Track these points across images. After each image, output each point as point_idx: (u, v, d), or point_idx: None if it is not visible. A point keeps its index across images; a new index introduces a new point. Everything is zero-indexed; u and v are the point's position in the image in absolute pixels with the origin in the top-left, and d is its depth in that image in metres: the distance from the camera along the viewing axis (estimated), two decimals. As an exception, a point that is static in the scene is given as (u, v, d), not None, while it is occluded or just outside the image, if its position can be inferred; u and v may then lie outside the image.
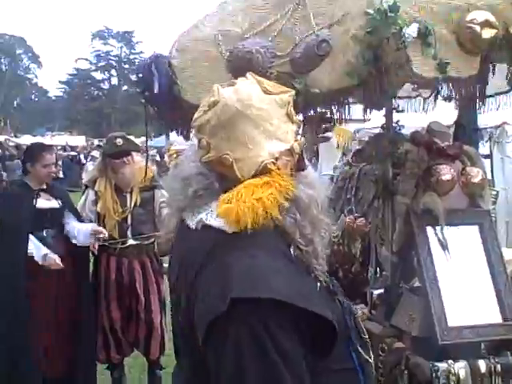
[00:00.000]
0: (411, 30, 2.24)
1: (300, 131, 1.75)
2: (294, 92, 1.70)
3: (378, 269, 3.24)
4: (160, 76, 2.72)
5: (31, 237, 4.15)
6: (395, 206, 2.81)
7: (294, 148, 1.63)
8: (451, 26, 2.37)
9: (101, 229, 4.33)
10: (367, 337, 1.72)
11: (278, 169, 1.60)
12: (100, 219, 4.49)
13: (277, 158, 1.61)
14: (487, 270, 2.74)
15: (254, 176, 1.59)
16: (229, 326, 1.42)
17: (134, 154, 4.69)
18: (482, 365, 2.47)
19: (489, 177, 4.55)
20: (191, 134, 2.82)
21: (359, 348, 1.65)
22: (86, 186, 4.73)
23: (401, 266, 2.91)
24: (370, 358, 1.67)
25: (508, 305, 2.66)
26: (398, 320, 2.75)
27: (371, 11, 2.33)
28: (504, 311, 2.65)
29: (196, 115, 1.70)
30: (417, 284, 3.09)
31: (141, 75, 2.82)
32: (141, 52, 69.37)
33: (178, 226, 1.73)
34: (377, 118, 3.35)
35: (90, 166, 16.06)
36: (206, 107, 1.67)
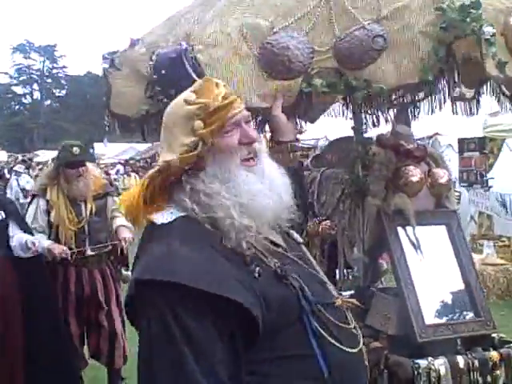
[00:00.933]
0: (490, 28, 2.26)
1: (201, 143, 1.74)
2: (205, 105, 1.75)
3: (345, 271, 3.25)
4: (183, 74, 2.45)
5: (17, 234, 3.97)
6: (366, 207, 2.83)
7: (170, 162, 1.72)
8: (500, 27, 2.39)
9: (61, 248, 4.16)
10: (350, 325, 1.73)
11: (150, 177, 1.75)
12: (53, 229, 4.32)
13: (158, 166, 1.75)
14: (457, 269, 2.80)
15: None
16: (140, 308, 1.56)
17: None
18: (461, 360, 2.51)
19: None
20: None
21: (323, 333, 1.63)
22: (34, 196, 4.52)
23: (371, 267, 2.93)
24: (347, 345, 1.66)
25: (479, 302, 2.72)
26: (373, 320, 2.75)
27: (444, 6, 2.34)
28: (476, 308, 2.71)
29: None
30: (381, 285, 3.15)
31: (163, 71, 2.48)
32: (64, 66, 68.14)
33: None
34: (312, 130, 3.41)
35: (14, 182, 15.53)
36: None
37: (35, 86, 67.89)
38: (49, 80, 68.38)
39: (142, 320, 1.55)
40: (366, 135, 3.00)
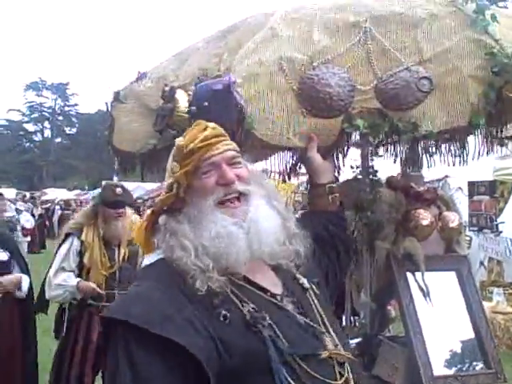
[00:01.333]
0: None
1: (176, 185, 1.80)
2: (176, 146, 1.82)
3: (352, 318, 3.14)
4: (231, 105, 2.30)
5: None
6: (375, 250, 2.74)
7: (155, 201, 1.84)
8: None
9: (93, 285, 4.07)
10: (337, 380, 1.67)
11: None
12: (84, 272, 4.20)
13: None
14: (467, 317, 2.69)
15: None
16: (105, 342, 1.65)
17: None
18: (470, 414, 2.39)
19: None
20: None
21: None
22: (68, 234, 4.38)
23: (379, 314, 2.83)
24: None
25: (490, 352, 2.61)
26: (380, 370, 2.65)
27: (495, 51, 2.36)
28: (486, 358, 2.60)
29: None
30: (389, 334, 3.03)
31: (206, 104, 2.30)
32: (75, 104, 69.06)
33: None
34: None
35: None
36: None
37: (46, 124, 68.77)
38: (60, 118, 69.27)
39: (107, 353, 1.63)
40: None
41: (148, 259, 1.79)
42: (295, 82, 2.39)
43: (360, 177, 2.90)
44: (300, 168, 2.74)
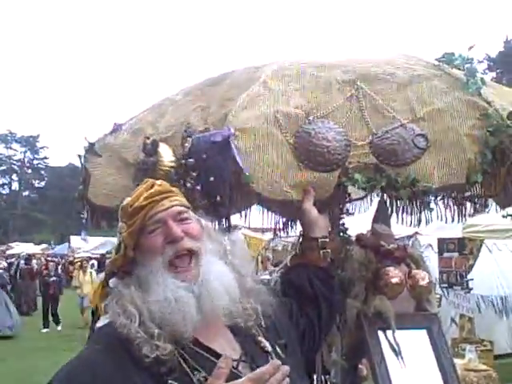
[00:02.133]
0: None
1: (123, 245, 1.76)
2: (124, 206, 1.80)
3: (323, 377, 3.08)
4: (229, 158, 2.27)
5: None
6: (346, 309, 2.72)
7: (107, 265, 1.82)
8: None
9: None
10: None
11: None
12: None
13: None
14: (439, 376, 2.66)
15: None
16: None
17: None
18: None
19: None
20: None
21: None
22: None
23: (351, 373, 2.78)
24: None
25: (463, 413, 2.58)
26: (351, 431, 2.58)
27: (490, 112, 2.45)
28: (460, 420, 2.56)
29: None
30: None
31: (204, 156, 2.28)
32: (45, 157, 68.63)
33: None
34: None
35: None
36: None
37: (14, 177, 68.09)
38: (29, 171, 68.70)
39: None
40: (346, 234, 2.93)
41: (101, 321, 1.73)
42: (291, 136, 2.40)
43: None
44: (292, 225, 2.73)
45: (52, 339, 15.14)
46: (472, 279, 8.66)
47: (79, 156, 2.79)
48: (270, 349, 1.82)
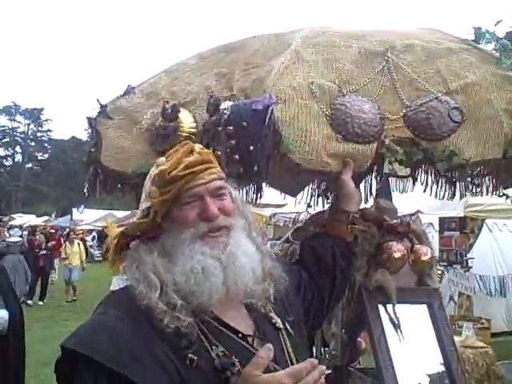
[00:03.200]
0: None
1: (152, 211, 1.68)
2: (157, 170, 1.70)
3: (322, 349, 3.12)
4: (269, 127, 2.18)
5: None
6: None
7: (125, 229, 1.70)
8: None
9: None
10: None
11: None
12: None
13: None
14: (438, 351, 2.69)
15: None
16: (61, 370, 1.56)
17: None
18: None
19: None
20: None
21: None
22: None
23: (350, 345, 2.81)
24: None
25: (461, 386, 2.61)
26: (350, 403, 2.62)
27: None
28: (457, 392, 2.59)
29: None
30: (359, 365, 3.01)
31: (245, 124, 2.16)
32: (48, 130, 68.53)
33: None
34: (293, 203, 3.34)
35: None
36: None
37: (18, 149, 68.03)
38: (32, 143, 68.61)
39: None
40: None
41: (117, 282, 1.71)
42: (327, 108, 2.36)
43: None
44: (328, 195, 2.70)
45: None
46: (472, 258, 8.69)
47: (89, 119, 2.69)
48: (281, 325, 1.83)
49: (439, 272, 6.42)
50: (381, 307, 2.69)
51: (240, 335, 1.68)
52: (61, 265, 19.02)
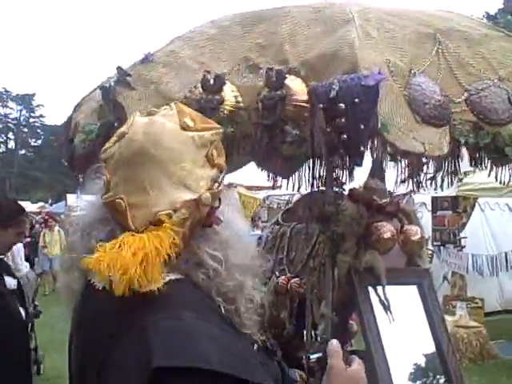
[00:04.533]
0: None
1: (222, 177, 1.49)
2: (220, 130, 1.52)
3: (313, 332, 3.10)
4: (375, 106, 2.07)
5: None
6: (337, 264, 2.71)
7: (201, 199, 1.41)
8: None
9: None
10: None
11: (173, 224, 1.37)
12: None
13: (176, 210, 1.38)
14: (429, 331, 2.67)
15: (146, 228, 1.36)
16: None
17: None
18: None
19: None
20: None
21: None
22: None
23: (340, 328, 2.79)
24: None
25: (451, 367, 2.60)
26: (340, 385, 2.60)
27: None
28: (448, 373, 2.58)
29: (105, 145, 1.49)
30: (350, 348, 2.99)
31: (357, 100, 2.00)
32: (41, 116, 68.19)
33: (83, 287, 1.50)
34: (286, 185, 3.31)
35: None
36: (115, 138, 1.47)
37: (10, 135, 67.74)
38: (25, 129, 68.32)
39: None
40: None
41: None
42: (404, 88, 2.28)
43: (324, 188, 2.87)
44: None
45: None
46: (465, 237, 8.70)
47: (105, 89, 2.42)
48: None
49: (429, 252, 6.41)
50: (371, 289, 2.67)
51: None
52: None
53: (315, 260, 3.02)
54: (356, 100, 1.99)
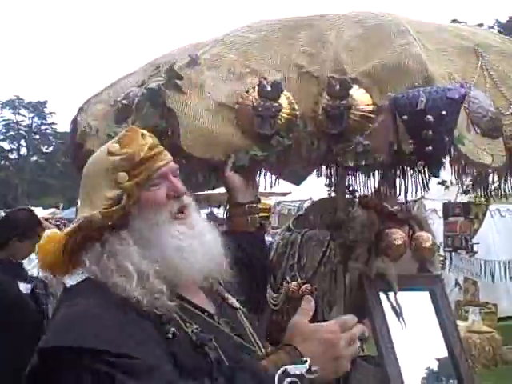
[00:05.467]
0: None
1: (125, 197, 1.63)
2: (129, 155, 1.66)
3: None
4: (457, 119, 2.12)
5: None
6: (348, 271, 2.73)
7: (93, 216, 1.61)
8: None
9: None
10: None
11: (67, 233, 1.66)
12: None
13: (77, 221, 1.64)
14: (441, 337, 2.68)
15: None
16: (44, 377, 1.44)
17: None
18: None
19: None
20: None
21: None
22: None
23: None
24: None
25: (464, 372, 2.60)
26: (352, 391, 2.61)
27: None
28: (461, 379, 2.58)
29: None
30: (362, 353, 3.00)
31: (444, 113, 2.03)
32: (52, 123, 68.52)
33: None
34: (297, 192, 3.33)
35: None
36: None
37: (22, 142, 68.09)
38: (37, 136, 68.67)
39: None
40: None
41: (69, 280, 1.61)
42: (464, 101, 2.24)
43: (334, 195, 2.89)
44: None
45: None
46: (477, 243, 8.66)
47: (153, 91, 2.32)
48: (237, 305, 1.86)
49: (441, 258, 6.40)
50: (382, 295, 2.68)
51: (207, 314, 1.69)
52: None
53: (326, 266, 3.04)
54: (443, 112, 2.03)
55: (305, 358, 1.48)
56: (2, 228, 4.11)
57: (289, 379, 1.42)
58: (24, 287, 4.01)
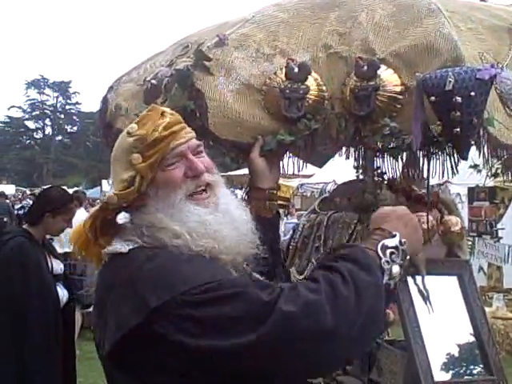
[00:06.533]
0: None
1: (138, 178, 1.63)
2: (141, 136, 1.65)
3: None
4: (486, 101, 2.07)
5: None
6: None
7: (107, 199, 1.64)
8: None
9: None
10: None
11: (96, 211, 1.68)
12: None
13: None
14: (469, 323, 2.65)
15: None
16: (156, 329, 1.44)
17: None
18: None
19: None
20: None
21: None
22: None
23: (378, 318, 2.78)
24: None
25: (492, 358, 2.57)
26: (378, 374, 2.60)
27: None
28: (488, 365, 2.55)
29: None
30: (387, 337, 2.99)
31: (472, 93, 1.99)
32: (77, 103, 68.97)
33: None
34: (320, 174, 3.30)
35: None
36: None
37: (47, 122, 68.67)
38: (61, 116, 69.14)
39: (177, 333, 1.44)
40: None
41: (119, 247, 1.62)
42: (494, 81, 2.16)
43: (362, 178, 2.86)
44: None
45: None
46: (503, 228, 8.58)
47: (182, 72, 2.31)
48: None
49: (469, 243, 6.36)
50: (410, 279, 2.65)
51: None
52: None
53: (353, 249, 3.00)
54: (472, 93, 1.99)
55: (394, 232, 1.69)
56: (36, 205, 4.29)
57: (388, 251, 1.65)
58: (57, 267, 4.14)
